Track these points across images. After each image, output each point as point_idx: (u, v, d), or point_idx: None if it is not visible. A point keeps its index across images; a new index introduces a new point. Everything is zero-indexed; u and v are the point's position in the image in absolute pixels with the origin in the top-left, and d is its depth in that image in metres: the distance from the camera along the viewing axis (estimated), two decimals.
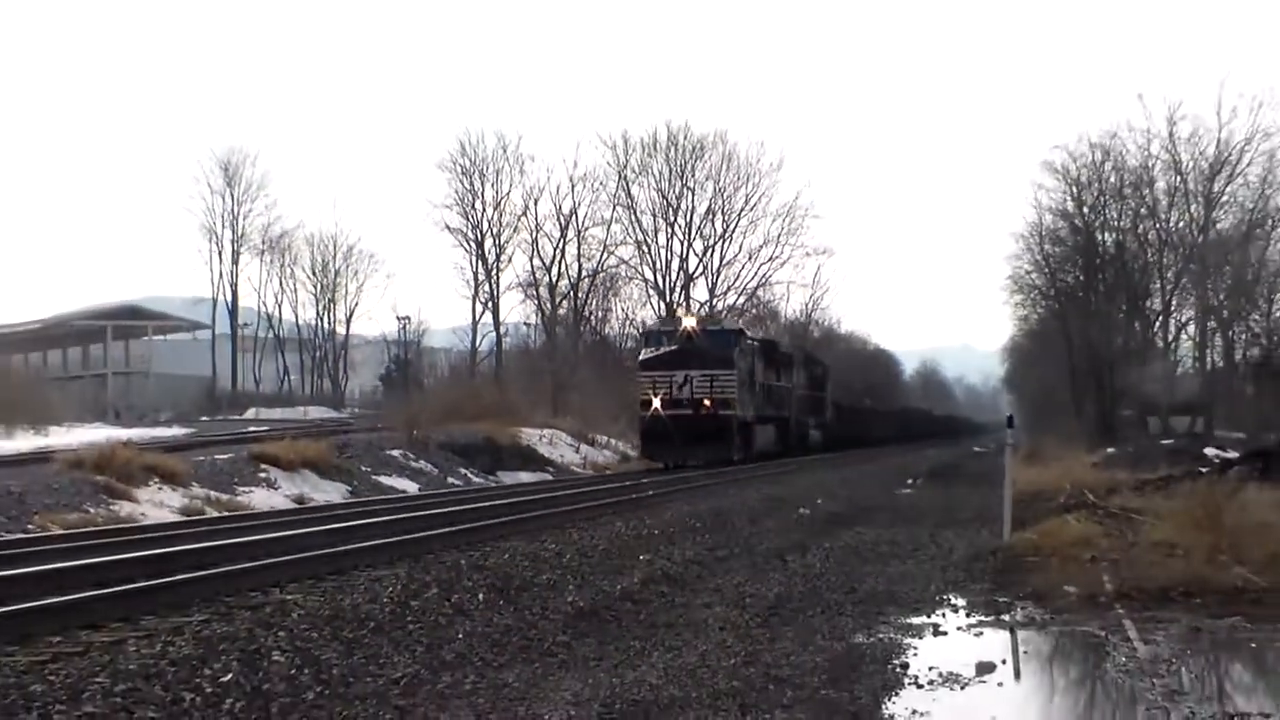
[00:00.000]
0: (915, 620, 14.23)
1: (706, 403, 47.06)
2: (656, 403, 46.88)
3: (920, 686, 10.91)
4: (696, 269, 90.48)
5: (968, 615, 14.68)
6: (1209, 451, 39.74)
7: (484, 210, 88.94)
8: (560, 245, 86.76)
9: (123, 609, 12.54)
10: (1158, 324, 71.91)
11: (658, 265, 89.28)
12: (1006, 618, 14.52)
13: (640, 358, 50.36)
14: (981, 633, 13.67)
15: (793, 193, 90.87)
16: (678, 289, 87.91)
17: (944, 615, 14.67)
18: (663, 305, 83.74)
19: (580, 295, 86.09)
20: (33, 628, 11.49)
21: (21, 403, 56.85)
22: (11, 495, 24.76)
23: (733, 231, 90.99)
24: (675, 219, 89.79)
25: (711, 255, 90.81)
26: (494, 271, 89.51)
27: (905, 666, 11.60)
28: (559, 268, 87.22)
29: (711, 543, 20.83)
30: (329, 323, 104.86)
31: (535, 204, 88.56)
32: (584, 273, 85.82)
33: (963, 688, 10.94)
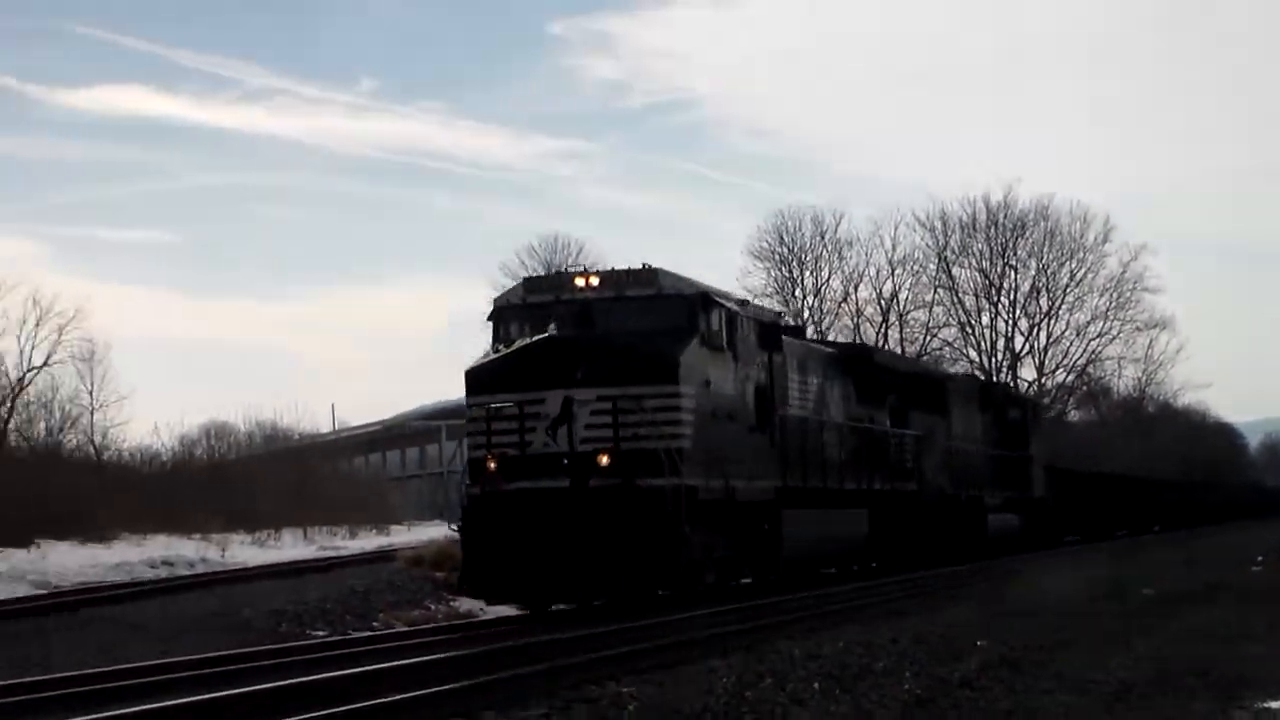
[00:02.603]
0: (1275, 704, 13.54)
1: (602, 459, 22.24)
2: (493, 465, 22.69)
3: None
4: (1023, 348, 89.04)
5: None
6: None
7: (804, 297, 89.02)
8: (883, 330, 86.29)
9: (465, 704, 12.77)
10: None
11: (982, 346, 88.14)
12: None
13: (470, 366, 24.61)
14: None
15: (1120, 266, 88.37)
16: (1004, 369, 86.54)
17: None
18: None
19: None
20: None
21: (365, 503, 58.84)
22: (357, 594, 25.59)
23: (1058, 308, 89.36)
24: (998, 298, 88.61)
25: (1038, 333, 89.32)
26: None
27: None
28: None
29: (1051, 626, 20.27)
30: None
31: (855, 289, 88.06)
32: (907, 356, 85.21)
33: None
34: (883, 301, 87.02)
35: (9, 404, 57.99)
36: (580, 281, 24.09)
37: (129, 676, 15.24)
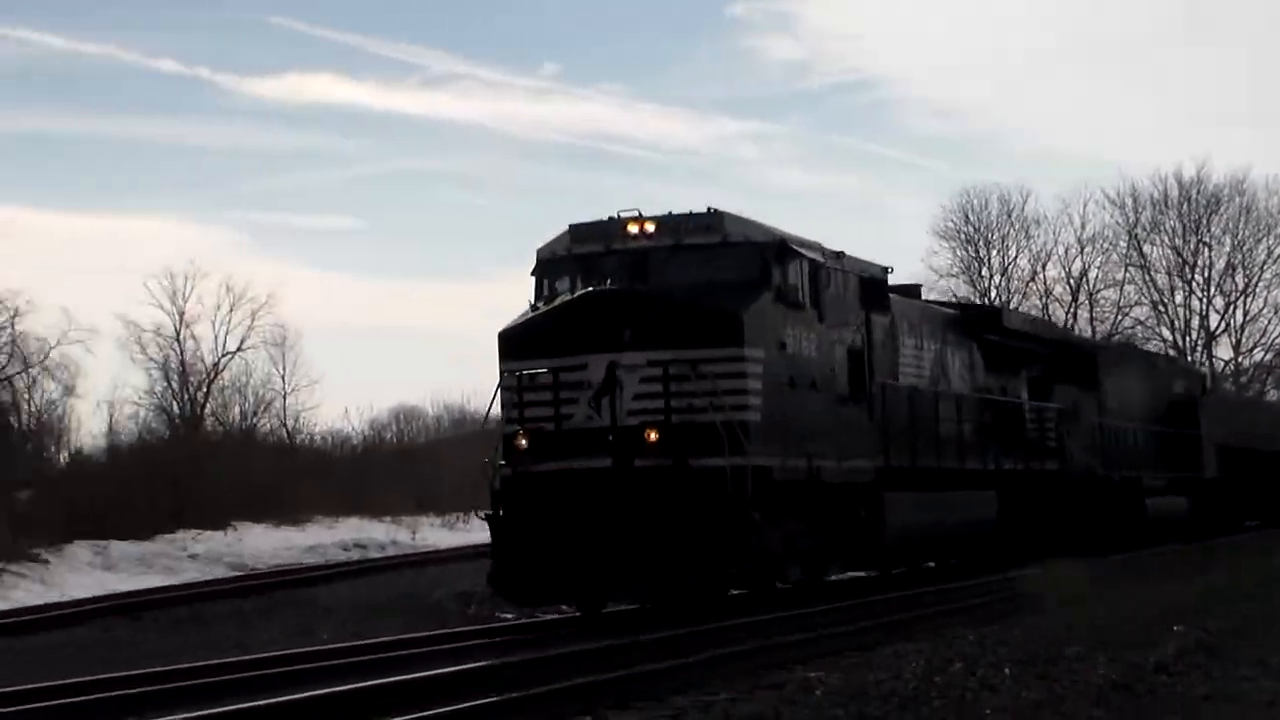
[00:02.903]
0: None
1: (651, 435, 18.85)
2: (524, 443, 19.41)
3: None
4: (1218, 327, 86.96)
5: None
6: None
7: (990, 277, 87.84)
8: (1072, 309, 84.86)
9: (653, 687, 12.80)
10: None
11: (1176, 325, 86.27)
12: None
13: (503, 328, 20.73)
14: None
15: None
16: (1199, 349, 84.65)
17: None
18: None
19: None
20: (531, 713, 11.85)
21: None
22: None
23: (1255, 285, 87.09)
24: (1192, 276, 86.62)
25: (1234, 311, 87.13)
26: None
27: None
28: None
29: (1250, 611, 19.77)
30: None
31: (1043, 268, 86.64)
32: (1097, 336, 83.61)
33: None
34: (1072, 280, 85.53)
35: (205, 389, 59.56)
36: (634, 229, 20.35)
37: (324, 658, 15.51)
